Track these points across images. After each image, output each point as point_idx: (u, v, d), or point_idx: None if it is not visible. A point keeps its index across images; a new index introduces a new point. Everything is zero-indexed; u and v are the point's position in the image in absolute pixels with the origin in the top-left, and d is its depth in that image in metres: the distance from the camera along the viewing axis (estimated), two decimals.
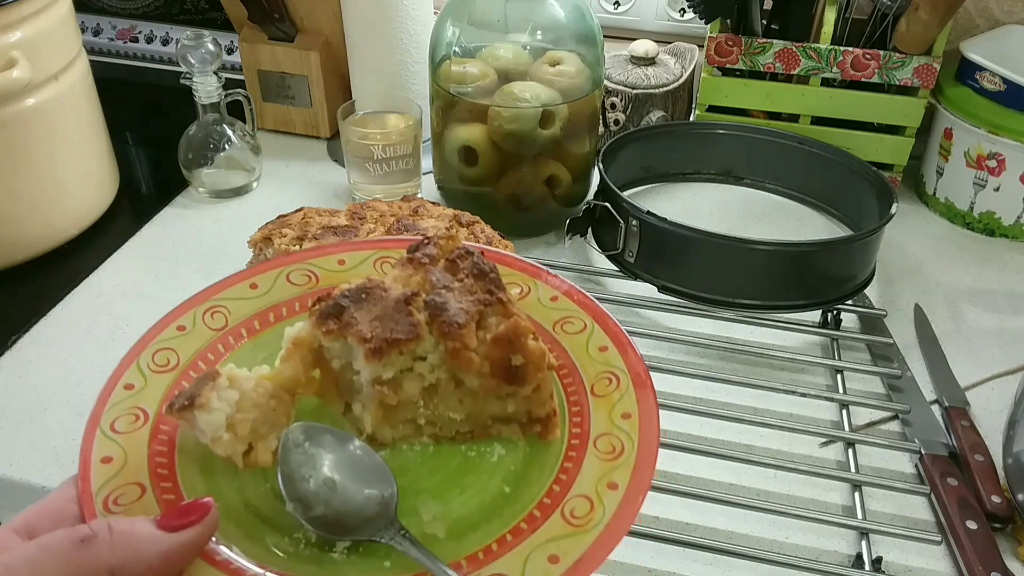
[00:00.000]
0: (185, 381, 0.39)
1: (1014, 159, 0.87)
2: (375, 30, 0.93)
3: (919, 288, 0.85)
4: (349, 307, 0.36)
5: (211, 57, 0.88)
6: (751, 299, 0.74)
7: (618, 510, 0.34)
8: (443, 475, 0.37)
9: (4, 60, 0.76)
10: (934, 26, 0.83)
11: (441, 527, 0.35)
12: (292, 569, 0.33)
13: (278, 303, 0.42)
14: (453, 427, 0.38)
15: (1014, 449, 0.63)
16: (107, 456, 0.36)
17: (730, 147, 0.93)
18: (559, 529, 0.34)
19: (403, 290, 0.37)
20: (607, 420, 0.38)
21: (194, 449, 0.36)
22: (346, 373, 0.37)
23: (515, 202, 0.86)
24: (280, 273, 0.43)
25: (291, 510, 0.34)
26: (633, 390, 0.39)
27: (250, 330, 0.41)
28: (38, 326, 0.78)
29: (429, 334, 0.36)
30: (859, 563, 0.58)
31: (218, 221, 0.92)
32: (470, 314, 0.36)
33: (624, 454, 0.36)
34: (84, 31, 1.23)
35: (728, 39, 0.90)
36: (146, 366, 0.39)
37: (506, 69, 0.84)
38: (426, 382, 0.37)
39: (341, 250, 0.43)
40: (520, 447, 0.38)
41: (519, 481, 0.36)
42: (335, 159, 1.02)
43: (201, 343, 0.40)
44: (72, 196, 0.86)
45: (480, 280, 0.37)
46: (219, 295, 0.42)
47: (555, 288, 0.44)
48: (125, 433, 0.37)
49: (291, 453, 0.35)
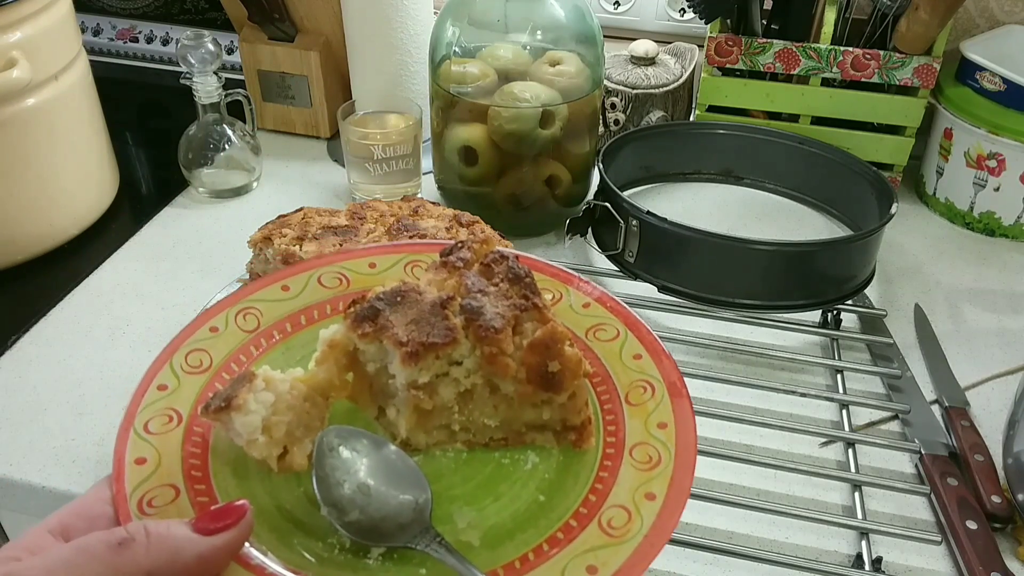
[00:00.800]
0: (218, 383, 0.38)
1: (1014, 159, 0.87)
2: (375, 30, 0.93)
3: (919, 288, 0.85)
4: (384, 310, 0.35)
5: (211, 57, 0.88)
6: (751, 299, 0.74)
7: (656, 521, 0.33)
8: (477, 482, 0.37)
9: (4, 60, 0.76)
10: (934, 26, 0.83)
11: (476, 535, 0.34)
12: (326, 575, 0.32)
13: (310, 305, 0.42)
14: (487, 433, 0.38)
15: (1014, 449, 0.63)
16: (141, 457, 0.35)
17: (730, 147, 0.93)
18: (596, 540, 0.33)
19: (438, 294, 0.36)
20: (643, 429, 0.37)
21: (227, 451, 0.36)
22: (380, 377, 0.37)
23: (515, 202, 0.86)
24: (311, 275, 0.43)
25: (326, 514, 0.34)
26: (669, 399, 0.38)
27: (282, 332, 0.41)
28: (38, 326, 0.78)
29: (465, 338, 0.35)
30: (859, 563, 0.58)
31: (218, 221, 0.92)
32: (506, 319, 0.35)
33: (661, 464, 0.36)
34: (84, 31, 1.23)
35: (728, 39, 0.90)
36: (179, 367, 0.39)
37: (506, 69, 0.84)
38: (461, 387, 0.36)
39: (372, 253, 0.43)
40: (554, 455, 0.37)
41: (554, 490, 0.36)
42: (335, 159, 1.02)
43: (233, 345, 0.40)
44: (72, 196, 0.86)
45: (515, 285, 0.37)
46: (251, 297, 0.42)
47: (587, 295, 0.44)
48: (159, 434, 0.36)
49: (326, 457, 0.34)
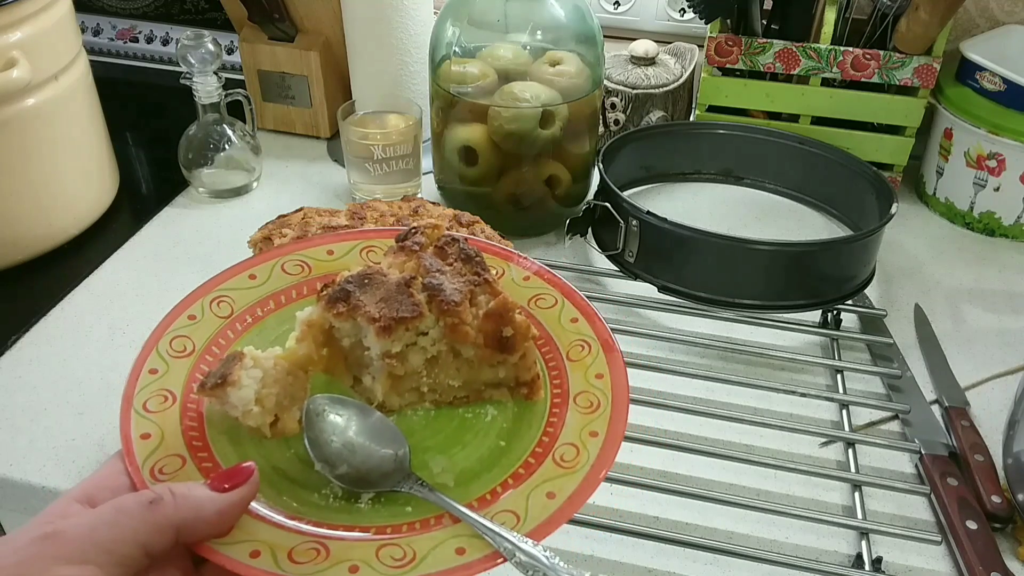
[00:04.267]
0: (203, 364, 0.43)
1: (1014, 159, 0.87)
2: (375, 30, 0.93)
3: (919, 288, 0.85)
4: (355, 291, 0.41)
5: (211, 57, 0.88)
6: (751, 299, 0.74)
7: (600, 452, 0.40)
8: (445, 434, 0.42)
9: (4, 60, 0.76)
10: (934, 26, 0.83)
11: (450, 477, 0.40)
12: (325, 519, 0.38)
13: (276, 291, 0.47)
14: (451, 393, 0.43)
15: (1014, 449, 0.63)
16: (145, 433, 0.39)
17: (730, 147, 0.93)
18: (552, 472, 0.39)
19: (401, 275, 0.41)
20: (583, 380, 0.44)
21: (221, 423, 0.40)
22: (355, 350, 0.42)
23: (515, 202, 0.86)
24: (275, 264, 0.48)
25: (320, 469, 0.39)
26: (603, 354, 0.45)
27: (254, 317, 0.46)
28: (38, 326, 0.78)
29: (429, 312, 0.41)
30: (859, 563, 0.58)
31: (218, 221, 0.92)
32: (463, 293, 0.41)
33: (600, 408, 0.42)
34: (84, 31, 1.23)
35: (728, 39, 0.90)
36: (165, 352, 0.43)
37: (506, 69, 0.84)
38: (428, 354, 0.42)
39: (329, 241, 0.49)
40: (510, 408, 0.44)
41: (512, 436, 0.42)
42: (335, 159, 1.02)
43: (212, 330, 0.45)
44: (72, 196, 0.86)
45: (467, 263, 0.43)
46: (222, 286, 0.47)
47: (526, 269, 0.49)
48: (157, 412, 0.40)
49: (315, 421, 0.39)
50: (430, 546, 0.36)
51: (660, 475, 0.64)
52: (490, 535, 0.36)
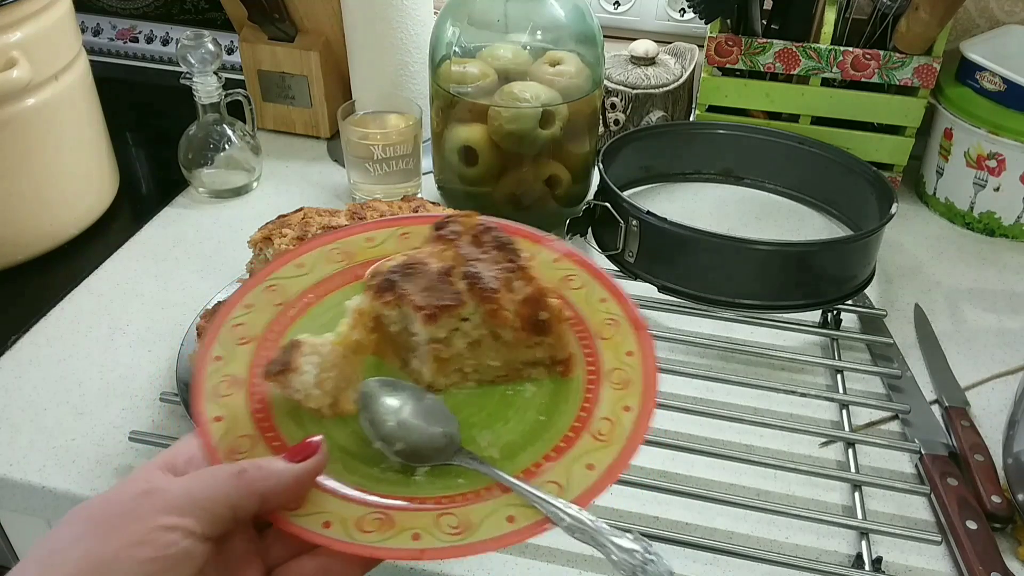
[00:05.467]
0: (262, 350, 0.45)
1: (1014, 159, 0.87)
2: (375, 30, 0.93)
3: (919, 288, 0.85)
4: (399, 281, 0.44)
5: (211, 57, 0.88)
6: (751, 299, 0.74)
7: (634, 426, 0.43)
8: (489, 411, 0.45)
9: (4, 60, 0.76)
10: (934, 26, 0.83)
11: (496, 451, 0.43)
12: (385, 491, 0.40)
13: (323, 279, 0.49)
14: (492, 372, 0.46)
15: (1014, 449, 0.63)
16: (218, 416, 0.42)
17: (730, 147, 0.93)
18: (590, 445, 0.42)
19: (440, 264, 0.44)
20: (615, 358, 0.46)
21: (283, 405, 0.43)
22: (402, 335, 0.45)
23: (515, 202, 0.86)
24: (321, 252, 0.50)
25: (378, 447, 0.42)
26: (633, 332, 0.47)
27: (306, 303, 0.48)
28: (38, 326, 0.78)
29: (470, 299, 0.44)
30: (859, 563, 0.58)
31: (218, 221, 0.92)
32: (500, 280, 0.44)
33: (632, 384, 0.45)
34: (84, 31, 1.23)
35: (728, 39, 0.90)
36: (227, 340, 0.46)
37: (506, 69, 0.84)
38: (470, 338, 0.45)
39: (368, 228, 0.52)
40: (547, 385, 0.46)
41: (551, 411, 0.45)
42: (335, 159, 1.02)
43: (267, 317, 0.47)
44: (72, 196, 0.86)
45: (501, 251, 0.45)
46: (273, 275, 0.49)
47: (557, 251, 0.52)
48: (226, 396, 0.43)
49: (371, 402, 0.42)
50: (483, 515, 0.39)
51: (660, 475, 0.64)
52: (539, 503, 0.39)
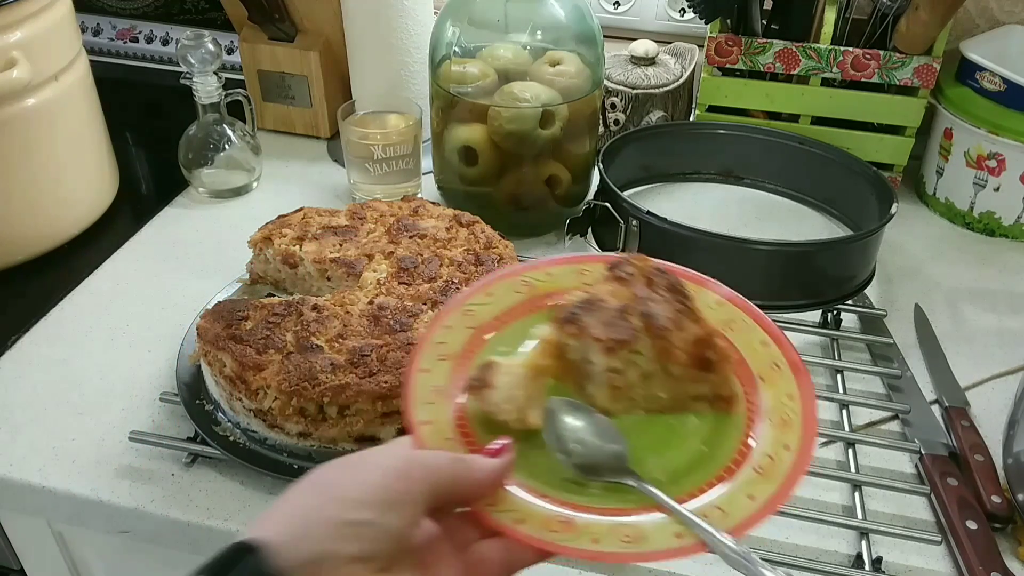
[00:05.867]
0: (458, 366, 0.51)
1: (1014, 159, 0.87)
2: (375, 30, 0.93)
3: (919, 288, 0.85)
4: (581, 315, 0.49)
5: (211, 57, 0.88)
6: (751, 299, 0.74)
7: (793, 464, 0.45)
8: (655, 437, 0.49)
9: (4, 60, 0.76)
10: (934, 26, 0.83)
11: (662, 474, 0.46)
12: (564, 498, 0.45)
13: (509, 307, 0.55)
14: (660, 402, 0.50)
15: (1014, 449, 0.63)
16: (426, 420, 0.48)
17: (730, 147, 0.93)
18: (751, 477, 0.45)
19: (618, 302, 0.49)
20: (775, 398, 0.49)
21: (477, 415, 0.48)
22: (581, 363, 0.49)
23: (515, 202, 0.86)
24: (508, 283, 0.56)
25: (560, 458, 0.46)
26: (792, 376, 0.50)
27: (494, 327, 0.54)
28: (38, 326, 0.78)
29: (644, 336, 0.48)
30: (859, 563, 0.58)
31: (218, 221, 0.92)
32: (672, 320, 0.48)
33: (792, 425, 0.47)
34: (84, 31, 1.23)
35: (728, 39, 0.90)
36: (431, 356, 0.51)
37: (506, 69, 0.84)
38: (642, 370, 0.49)
39: (549, 265, 0.58)
40: (708, 418, 0.49)
41: (713, 443, 0.48)
42: (335, 159, 1.02)
43: (463, 338, 0.53)
44: (72, 196, 0.86)
45: (672, 293, 0.50)
46: (468, 301, 0.55)
47: (719, 294, 0.55)
48: (431, 404, 0.49)
49: (554, 419, 0.47)
50: (653, 529, 0.43)
51: None
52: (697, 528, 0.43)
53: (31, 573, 0.78)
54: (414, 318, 0.65)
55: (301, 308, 0.66)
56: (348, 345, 0.63)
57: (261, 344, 0.63)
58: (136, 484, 0.63)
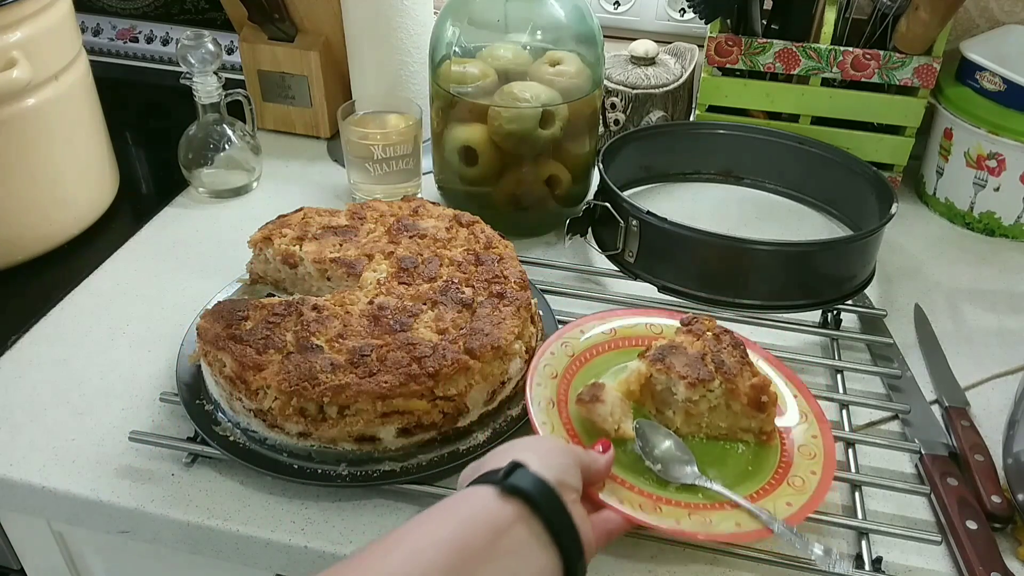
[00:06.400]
0: (562, 385, 0.66)
1: (1014, 159, 0.87)
2: (375, 30, 0.93)
3: (919, 288, 0.85)
4: (667, 356, 0.63)
5: (211, 57, 0.88)
6: (751, 299, 0.74)
7: (818, 485, 0.59)
8: (713, 456, 0.63)
9: (4, 60, 0.76)
10: (934, 26, 0.83)
11: (720, 483, 0.59)
12: (648, 489, 0.58)
13: (596, 344, 0.70)
14: (719, 430, 0.64)
15: (1014, 449, 0.63)
16: (544, 422, 0.62)
17: (730, 147, 0.93)
18: (787, 490, 0.59)
19: (694, 350, 0.64)
20: (805, 438, 0.63)
21: (580, 422, 0.63)
22: (664, 393, 0.64)
23: (515, 202, 0.86)
24: (595, 325, 0.71)
25: (647, 464, 0.60)
26: (816, 423, 0.64)
27: (585, 359, 0.68)
28: (38, 326, 0.78)
29: (717, 377, 0.62)
30: (859, 563, 0.58)
31: (218, 221, 0.92)
32: (738, 368, 0.63)
33: (816, 457, 0.62)
34: (84, 31, 1.23)
35: (728, 39, 0.90)
36: (542, 375, 0.66)
37: (506, 69, 0.84)
38: (711, 403, 0.63)
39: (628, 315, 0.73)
40: (752, 446, 0.63)
41: (757, 464, 0.62)
42: (335, 159, 1.02)
43: (563, 363, 0.67)
44: (72, 196, 0.86)
45: (735, 348, 0.64)
46: (564, 335, 0.69)
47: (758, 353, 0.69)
48: (547, 410, 0.63)
49: (644, 431, 0.61)
50: (719, 518, 0.56)
51: None
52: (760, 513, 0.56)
53: (31, 573, 0.78)
54: (414, 318, 0.65)
55: (301, 308, 0.66)
56: (348, 345, 0.63)
57: (261, 344, 0.63)
58: (136, 484, 0.63)
